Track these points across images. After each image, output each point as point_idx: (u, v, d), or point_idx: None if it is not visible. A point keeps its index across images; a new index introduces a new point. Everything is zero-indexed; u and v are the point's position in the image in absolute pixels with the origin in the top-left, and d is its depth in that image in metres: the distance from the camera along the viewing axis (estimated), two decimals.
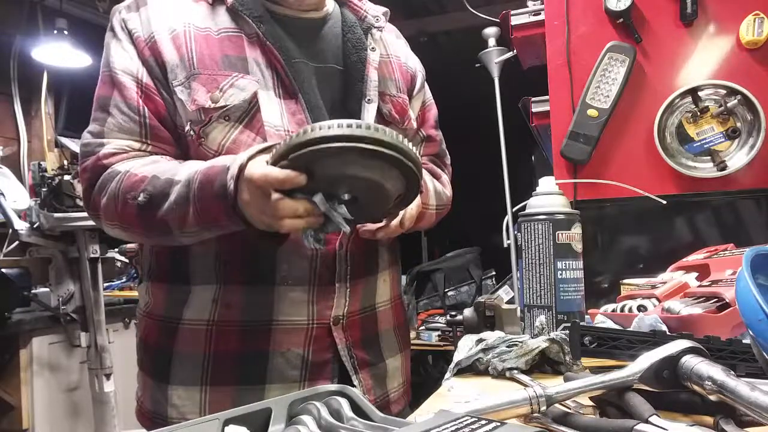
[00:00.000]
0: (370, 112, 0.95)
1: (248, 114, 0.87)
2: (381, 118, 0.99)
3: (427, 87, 1.17)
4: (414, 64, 1.13)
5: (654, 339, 0.70)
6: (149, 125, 0.88)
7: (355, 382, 0.95)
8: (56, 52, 3.07)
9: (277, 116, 0.88)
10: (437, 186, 1.11)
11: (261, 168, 0.73)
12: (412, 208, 0.95)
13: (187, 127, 0.87)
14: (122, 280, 3.27)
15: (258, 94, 0.87)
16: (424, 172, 0.98)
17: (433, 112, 1.17)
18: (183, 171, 0.82)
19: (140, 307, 0.99)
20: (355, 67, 0.97)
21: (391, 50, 1.08)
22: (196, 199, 0.79)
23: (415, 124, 1.09)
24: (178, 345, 0.91)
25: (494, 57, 2.36)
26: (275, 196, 0.72)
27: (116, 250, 3.03)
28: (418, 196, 0.94)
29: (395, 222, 0.92)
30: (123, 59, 0.89)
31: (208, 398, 0.90)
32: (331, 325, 0.92)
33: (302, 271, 0.90)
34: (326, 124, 0.69)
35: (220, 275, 0.89)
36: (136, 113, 0.87)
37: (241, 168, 0.75)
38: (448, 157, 1.22)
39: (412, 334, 2.86)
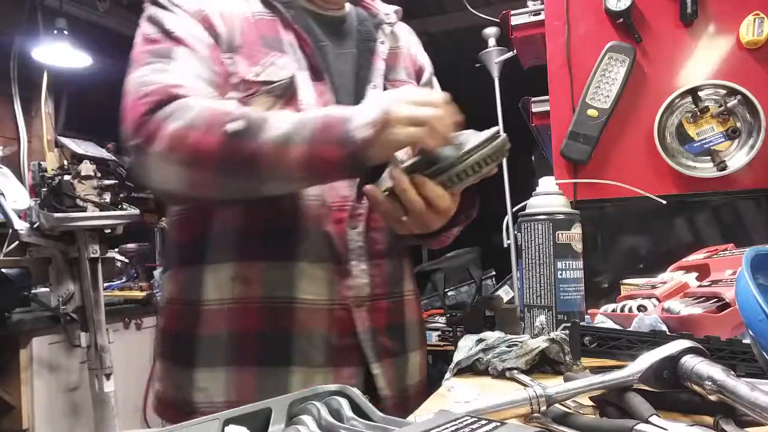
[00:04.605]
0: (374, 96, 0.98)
1: (289, 91, 0.89)
2: None
3: (437, 86, 1.17)
4: (423, 59, 1.16)
5: (654, 339, 0.70)
6: (219, 74, 0.88)
7: (376, 371, 0.92)
8: (56, 52, 3.07)
9: (312, 97, 0.91)
10: None
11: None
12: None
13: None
14: (122, 280, 3.26)
15: (296, 74, 0.91)
16: None
17: None
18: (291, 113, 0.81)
19: (163, 297, 0.99)
20: (364, 56, 1.01)
21: (402, 42, 1.11)
22: (317, 122, 0.76)
23: None
24: (201, 327, 0.90)
25: (494, 57, 2.37)
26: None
27: (116, 250, 3.02)
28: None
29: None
30: (181, 23, 0.88)
31: (233, 379, 0.88)
32: (351, 306, 0.91)
33: (319, 246, 0.89)
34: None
35: (239, 251, 0.89)
36: (206, 63, 0.87)
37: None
38: None
39: None
